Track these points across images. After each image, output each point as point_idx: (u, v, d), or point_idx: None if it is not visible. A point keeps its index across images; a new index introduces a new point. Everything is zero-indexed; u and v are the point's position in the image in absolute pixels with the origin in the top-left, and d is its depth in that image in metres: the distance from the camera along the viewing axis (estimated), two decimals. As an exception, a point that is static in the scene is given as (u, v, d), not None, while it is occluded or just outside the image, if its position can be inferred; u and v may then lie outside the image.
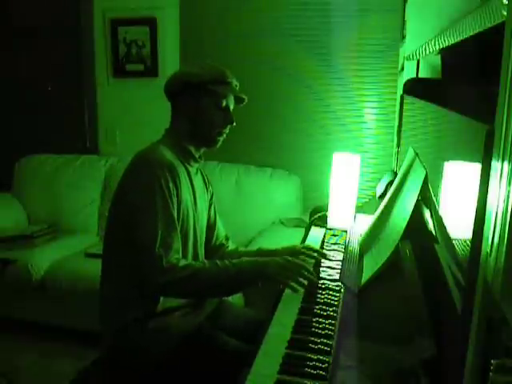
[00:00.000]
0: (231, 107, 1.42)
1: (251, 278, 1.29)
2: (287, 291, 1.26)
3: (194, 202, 1.43)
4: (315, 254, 1.43)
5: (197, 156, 1.44)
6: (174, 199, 1.29)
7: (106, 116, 3.22)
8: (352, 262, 1.39)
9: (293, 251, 1.44)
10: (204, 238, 1.52)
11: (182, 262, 1.26)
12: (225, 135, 1.43)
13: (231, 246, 1.64)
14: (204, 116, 1.39)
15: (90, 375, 1.37)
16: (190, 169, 1.43)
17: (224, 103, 1.39)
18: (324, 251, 1.49)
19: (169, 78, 1.43)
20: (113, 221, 1.38)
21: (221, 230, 1.62)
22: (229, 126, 1.42)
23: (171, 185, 1.28)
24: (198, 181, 1.48)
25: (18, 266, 2.48)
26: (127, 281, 1.32)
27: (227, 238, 1.64)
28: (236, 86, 1.42)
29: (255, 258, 1.35)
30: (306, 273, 1.25)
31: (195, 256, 1.44)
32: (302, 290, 1.23)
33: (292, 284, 1.23)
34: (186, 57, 2.94)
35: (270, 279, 1.27)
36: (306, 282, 1.23)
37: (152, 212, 1.25)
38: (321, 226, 1.82)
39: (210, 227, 1.57)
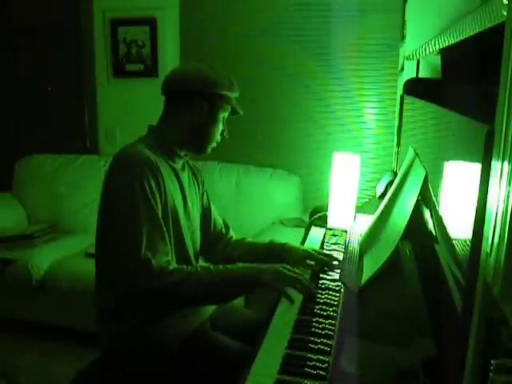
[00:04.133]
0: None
1: (246, 285, 1.27)
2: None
3: (184, 199, 1.38)
4: (326, 259, 1.41)
5: (182, 154, 1.39)
6: (158, 198, 1.24)
7: (105, 116, 3.22)
8: (352, 262, 1.39)
9: (306, 255, 1.43)
10: (199, 236, 1.48)
11: (173, 266, 1.21)
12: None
13: (235, 236, 1.59)
14: (210, 128, 1.33)
15: (90, 376, 1.36)
16: (175, 165, 1.37)
17: (226, 115, 1.36)
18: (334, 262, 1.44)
19: (180, 73, 1.35)
20: (100, 227, 1.32)
21: (217, 218, 1.57)
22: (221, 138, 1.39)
23: (153, 183, 1.23)
24: (185, 175, 1.42)
25: (17, 265, 2.48)
26: (122, 287, 1.29)
27: (227, 227, 1.58)
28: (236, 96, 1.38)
29: (251, 264, 1.29)
30: (299, 286, 1.21)
31: (194, 255, 1.43)
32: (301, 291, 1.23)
33: (285, 293, 1.21)
34: (186, 57, 2.94)
35: (265, 287, 1.24)
36: (300, 295, 1.20)
37: (135, 214, 1.20)
38: (321, 226, 1.82)
39: (205, 217, 1.52)
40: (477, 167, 0.62)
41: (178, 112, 1.35)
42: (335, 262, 1.42)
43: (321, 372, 0.90)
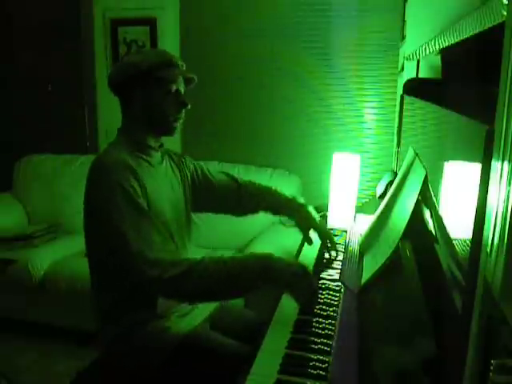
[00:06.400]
0: (182, 90, 1.37)
1: (257, 280, 1.18)
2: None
3: (168, 195, 1.38)
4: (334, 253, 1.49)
5: (157, 146, 1.39)
6: (142, 198, 1.23)
7: (106, 116, 3.22)
8: (352, 261, 1.39)
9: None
10: (189, 225, 1.48)
11: (172, 257, 1.20)
12: (181, 120, 1.38)
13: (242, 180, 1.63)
14: (157, 105, 1.33)
15: (90, 376, 1.36)
16: (151, 159, 1.37)
17: (174, 87, 1.34)
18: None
19: (112, 70, 1.37)
20: (88, 233, 1.32)
21: (222, 178, 1.60)
22: (183, 110, 1.37)
23: (134, 183, 1.23)
24: (165, 168, 1.43)
25: (17, 265, 2.48)
26: (120, 288, 1.29)
27: (233, 177, 1.62)
28: (182, 66, 1.37)
29: (262, 253, 1.24)
30: (310, 295, 1.20)
31: (183, 251, 1.41)
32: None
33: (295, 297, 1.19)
34: (186, 57, 2.94)
35: (275, 284, 1.20)
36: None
37: (118, 213, 1.19)
38: (321, 226, 1.81)
39: (206, 185, 1.55)
40: (477, 167, 0.62)
41: (125, 106, 1.37)
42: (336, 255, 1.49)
43: (321, 372, 0.90)
